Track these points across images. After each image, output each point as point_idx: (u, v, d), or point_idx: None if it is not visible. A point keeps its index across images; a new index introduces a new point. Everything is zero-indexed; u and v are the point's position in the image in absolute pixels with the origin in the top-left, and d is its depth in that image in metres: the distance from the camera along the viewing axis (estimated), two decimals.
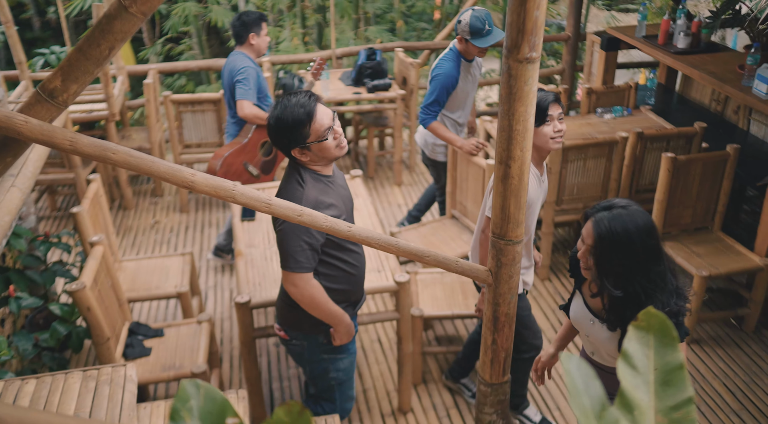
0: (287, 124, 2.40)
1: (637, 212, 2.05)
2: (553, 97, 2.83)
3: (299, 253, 2.42)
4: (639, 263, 2.04)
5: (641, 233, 2.02)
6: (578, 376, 1.22)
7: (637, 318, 1.45)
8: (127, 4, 1.73)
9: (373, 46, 5.84)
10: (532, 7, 1.91)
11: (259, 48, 4.29)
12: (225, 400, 1.13)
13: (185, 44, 8.56)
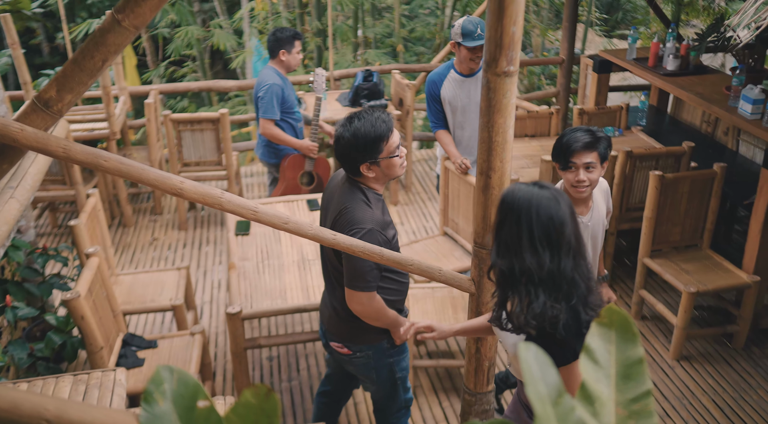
0: (368, 138, 2.40)
1: (553, 198, 1.87)
2: (582, 144, 2.66)
3: (368, 273, 2.46)
4: (526, 240, 1.86)
5: (540, 214, 1.85)
6: (535, 364, 1.28)
7: (600, 315, 1.52)
8: (119, 18, 1.83)
9: (370, 68, 5.96)
10: (509, 23, 2.00)
11: (288, 64, 4.43)
12: (197, 384, 1.19)
13: (188, 67, 8.72)
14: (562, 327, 1.84)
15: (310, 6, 7.29)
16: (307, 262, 3.54)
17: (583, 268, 1.90)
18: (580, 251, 1.91)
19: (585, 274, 1.91)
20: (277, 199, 4.19)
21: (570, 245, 1.86)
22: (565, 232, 1.85)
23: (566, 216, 1.87)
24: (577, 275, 1.88)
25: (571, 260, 1.87)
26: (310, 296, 3.25)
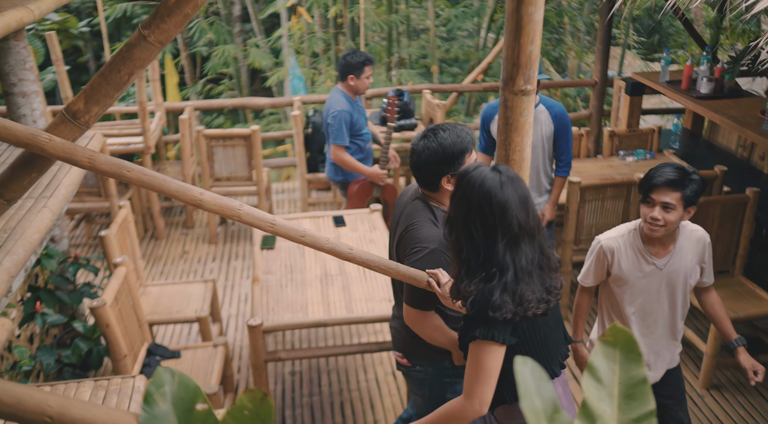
0: (454, 149, 2.39)
1: (499, 181, 1.87)
2: (664, 181, 2.51)
3: (424, 293, 2.40)
4: (463, 217, 1.89)
5: (481, 195, 1.85)
6: (531, 378, 1.28)
7: (605, 334, 1.51)
8: (146, 33, 1.89)
9: (401, 88, 6.01)
10: (526, 43, 2.02)
11: (356, 89, 4.46)
12: (197, 388, 1.21)
13: (224, 85, 8.90)
14: (470, 304, 1.87)
15: (344, 26, 7.40)
16: (329, 277, 3.57)
17: (524, 256, 1.87)
18: (527, 238, 1.88)
19: (525, 263, 1.87)
20: (303, 214, 4.24)
21: (510, 229, 1.84)
22: (507, 215, 1.84)
23: (509, 201, 1.85)
24: (511, 260, 1.86)
25: (507, 244, 1.85)
26: (331, 310, 3.27)
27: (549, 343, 2.06)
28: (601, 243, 2.72)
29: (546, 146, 3.82)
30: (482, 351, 1.89)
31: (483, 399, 1.91)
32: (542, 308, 1.90)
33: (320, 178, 5.82)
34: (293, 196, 6.62)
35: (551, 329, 2.07)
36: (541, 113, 3.74)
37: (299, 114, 5.54)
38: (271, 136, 6.63)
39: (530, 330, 1.98)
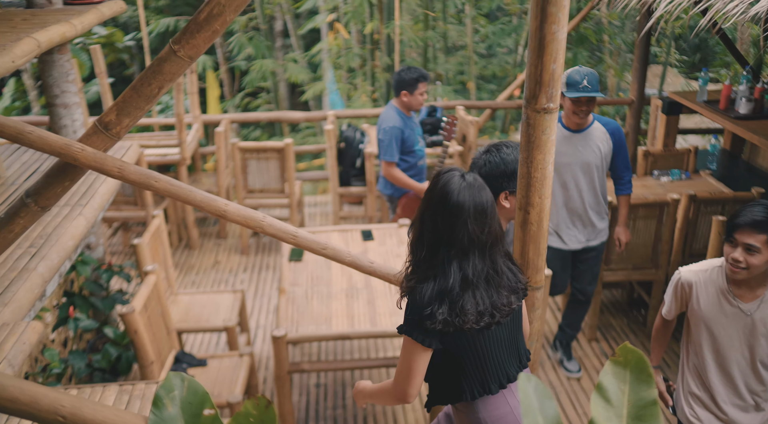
0: (516, 168, 2.41)
1: (464, 188, 1.87)
2: (749, 221, 2.35)
3: None
4: (420, 218, 1.90)
5: (439, 198, 1.86)
6: (534, 396, 1.27)
7: (615, 353, 1.49)
8: (176, 48, 1.96)
9: (435, 104, 6.03)
10: (549, 61, 2.02)
11: (409, 105, 4.44)
12: (206, 393, 1.24)
13: (262, 99, 9.05)
14: (407, 303, 1.88)
15: (380, 42, 7.47)
16: (355, 290, 3.59)
17: (471, 267, 1.84)
18: (477, 250, 1.85)
19: (471, 275, 1.84)
20: (332, 227, 4.28)
21: (457, 237, 1.83)
22: (457, 222, 1.83)
23: (463, 207, 1.84)
24: (457, 269, 1.83)
25: (454, 251, 1.84)
26: (355, 323, 3.29)
27: (489, 359, 1.97)
28: (680, 275, 2.59)
29: (604, 165, 3.67)
30: (407, 348, 1.88)
31: (404, 391, 1.90)
32: (484, 322, 1.85)
33: (352, 192, 5.87)
34: (325, 209, 6.68)
35: (495, 346, 1.97)
36: (596, 131, 3.60)
37: (332, 128, 5.60)
38: (305, 150, 6.71)
39: (461, 342, 1.90)
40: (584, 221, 3.77)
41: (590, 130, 3.59)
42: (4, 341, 2.24)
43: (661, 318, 2.77)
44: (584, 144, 3.59)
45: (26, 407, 1.11)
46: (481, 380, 1.97)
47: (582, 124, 3.56)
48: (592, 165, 3.61)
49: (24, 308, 2.46)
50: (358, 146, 6.00)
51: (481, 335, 1.92)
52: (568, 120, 3.58)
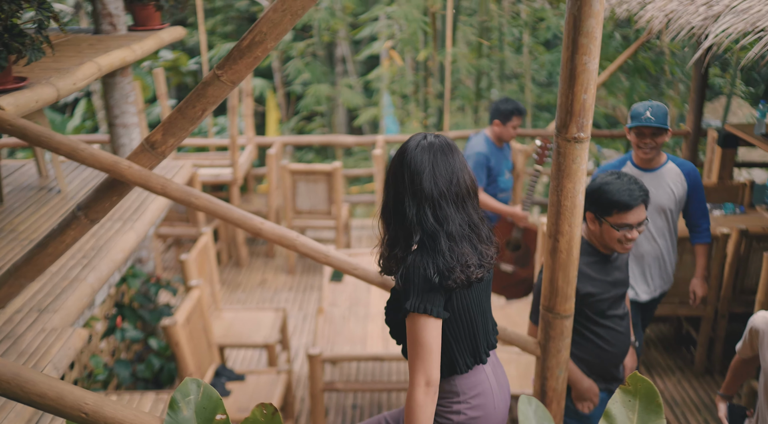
0: (604, 194, 2.50)
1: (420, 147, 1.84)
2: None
3: None
4: (391, 184, 1.86)
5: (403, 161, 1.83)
6: (534, 418, 1.29)
7: (626, 382, 1.50)
8: (219, 73, 2.07)
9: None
10: (580, 91, 2.05)
11: (500, 135, 4.43)
12: (219, 400, 1.31)
13: (317, 123, 9.25)
14: (399, 276, 1.81)
15: (433, 69, 7.57)
16: None
17: (451, 221, 1.82)
18: (452, 203, 1.84)
19: (455, 227, 1.83)
20: (368, 249, 4.33)
21: (432, 195, 1.80)
22: (424, 179, 1.80)
23: (425, 164, 1.81)
24: (439, 225, 1.81)
25: (431, 208, 1.81)
26: (389, 346, 3.32)
27: (478, 325, 1.98)
28: (753, 320, 2.47)
29: (677, 209, 3.39)
30: (417, 326, 1.80)
31: (429, 376, 1.81)
32: (481, 273, 1.86)
33: None
34: (372, 232, 6.76)
35: (481, 312, 1.99)
36: (670, 172, 3.32)
37: (381, 153, 5.70)
38: (354, 174, 6.82)
39: (460, 306, 1.90)
40: (655, 270, 3.45)
41: (663, 170, 3.31)
42: (51, 346, 2.37)
43: (737, 355, 2.66)
44: (656, 185, 3.30)
45: (53, 402, 1.19)
46: (473, 348, 1.97)
47: (651, 161, 3.30)
48: (665, 208, 3.32)
49: (72, 315, 2.59)
50: None
51: (474, 297, 1.93)
52: (635, 156, 3.34)
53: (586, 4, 1.94)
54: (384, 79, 8.94)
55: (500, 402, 2.06)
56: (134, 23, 3.76)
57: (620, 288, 2.68)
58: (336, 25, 8.57)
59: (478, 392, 1.99)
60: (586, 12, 1.95)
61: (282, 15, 1.99)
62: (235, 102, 5.51)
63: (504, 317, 4.12)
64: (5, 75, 2.26)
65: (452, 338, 1.92)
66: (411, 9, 7.23)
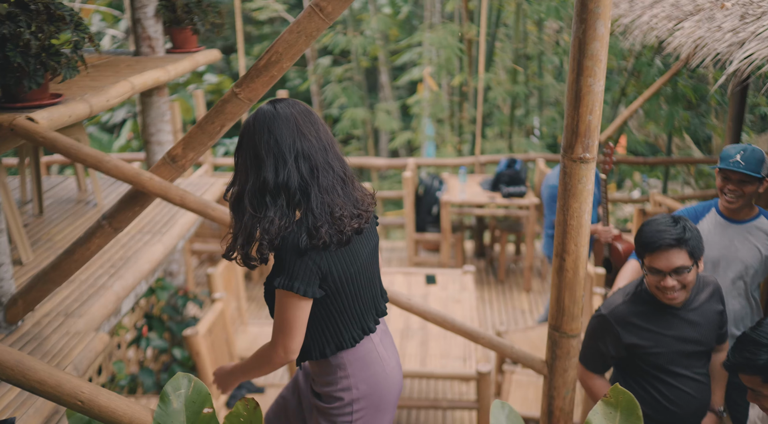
0: (639, 238, 2.42)
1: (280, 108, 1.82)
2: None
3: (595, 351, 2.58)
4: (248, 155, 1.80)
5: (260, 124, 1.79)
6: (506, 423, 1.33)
7: (607, 393, 1.53)
8: (237, 91, 2.18)
9: (514, 156, 6.09)
10: (585, 112, 2.09)
11: None
12: (208, 394, 1.38)
13: (353, 146, 9.39)
14: (269, 243, 1.73)
15: (468, 94, 7.64)
16: (410, 331, 3.66)
17: (321, 175, 1.79)
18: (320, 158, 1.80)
19: (326, 181, 1.79)
20: (397, 269, 4.39)
21: (295, 149, 1.77)
22: (285, 138, 1.77)
23: (285, 121, 1.78)
24: (310, 180, 1.77)
25: (301, 171, 1.77)
26: (405, 363, 3.35)
27: (365, 294, 1.92)
28: None
29: (762, 271, 2.94)
30: (283, 303, 1.77)
31: (287, 348, 1.80)
32: (356, 222, 1.81)
33: (427, 239, 5.97)
34: (402, 254, 6.81)
35: (367, 279, 1.93)
36: (761, 227, 2.87)
37: (411, 176, 5.77)
38: (384, 196, 6.90)
39: (343, 278, 1.83)
40: (738, 333, 2.96)
41: (754, 225, 2.87)
42: (73, 348, 2.48)
43: None
44: (742, 239, 2.88)
45: (51, 389, 1.28)
46: (360, 319, 1.91)
47: (738, 212, 2.86)
48: (747, 267, 2.88)
49: (96, 320, 2.71)
50: (435, 194, 6.13)
51: (353, 267, 1.85)
52: (720, 203, 2.94)
53: (591, 27, 1.99)
54: (422, 105, 9.05)
55: (391, 369, 2.00)
56: (172, 46, 3.94)
57: (688, 345, 2.42)
58: (374, 51, 8.74)
59: (366, 362, 1.92)
60: (590, 35, 2.00)
61: (297, 36, 2.09)
62: None
63: (525, 341, 4.12)
64: (42, 91, 2.41)
65: (337, 313, 1.86)
66: (446, 35, 7.33)
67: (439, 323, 2.39)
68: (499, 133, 8.15)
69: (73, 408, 1.28)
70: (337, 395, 1.91)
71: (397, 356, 2.08)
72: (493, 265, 6.40)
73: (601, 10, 1.97)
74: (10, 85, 2.33)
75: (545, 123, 8.77)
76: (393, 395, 2.01)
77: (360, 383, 1.91)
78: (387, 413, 2.01)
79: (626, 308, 2.49)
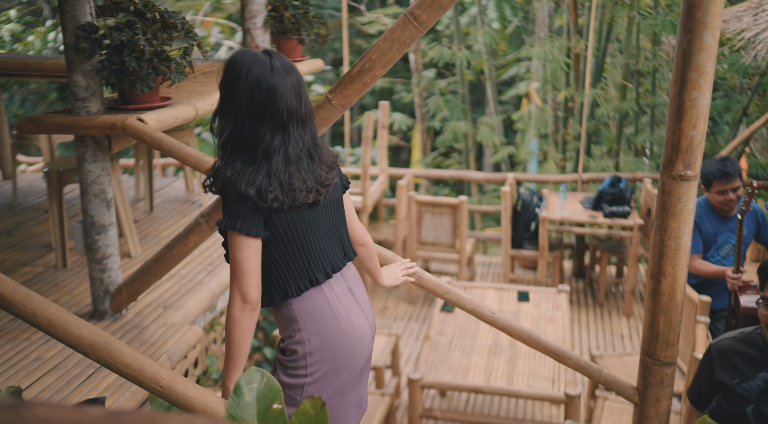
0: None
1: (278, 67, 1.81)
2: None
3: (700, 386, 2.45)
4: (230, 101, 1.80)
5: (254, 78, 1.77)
6: None
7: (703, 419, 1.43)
8: (330, 97, 2.23)
9: (619, 174, 5.86)
10: (688, 127, 1.99)
11: (712, 200, 3.70)
12: (279, 390, 1.41)
13: (454, 159, 9.36)
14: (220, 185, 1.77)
15: (574, 110, 7.45)
16: (498, 347, 3.59)
17: (293, 143, 1.80)
18: (297, 125, 1.82)
19: (294, 151, 1.80)
20: (489, 285, 4.32)
21: (278, 115, 1.78)
22: (275, 100, 1.77)
23: (279, 85, 1.78)
24: (280, 146, 1.78)
25: (275, 130, 1.78)
26: (491, 379, 3.29)
27: (314, 246, 1.88)
28: None
29: None
30: (232, 244, 1.76)
31: (243, 293, 1.75)
32: (312, 197, 1.81)
33: (524, 255, 5.84)
34: (497, 270, 6.70)
35: (318, 232, 1.89)
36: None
37: (509, 190, 5.68)
38: (481, 210, 6.83)
39: (286, 226, 1.82)
40: None
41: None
42: (169, 339, 2.61)
43: None
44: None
45: (135, 373, 1.35)
46: (307, 270, 1.88)
47: None
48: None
49: (192, 314, 2.84)
50: (534, 210, 5.99)
51: (303, 219, 1.85)
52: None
53: (697, 37, 1.89)
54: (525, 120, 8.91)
55: (349, 326, 1.92)
56: None
57: None
58: (480, 65, 8.69)
59: (316, 315, 1.88)
60: (696, 46, 1.90)
61: (391, 44, 2.11)
62: (369, 133, 5.75)
63: (621, 367, 3.93)
64: (153, 94, 2.56)
65: (281, 259, 1.84)
66: (553, 49, 7.19)
67: (524, 339, 2.32)
68: (606, 151, 7.88)
69: (153, 392, 1.34)
70: (292, 347, 1.88)
71: (364, 316, 2.00)
72: (592, 286, 6.17)
73: (709, 20, 1.86)
74: (125, 87, 2.49)
75: (657, 142, 8.40)
76: (352, 354, 1.94)
77: (312, 335, 1.87)
78: (345, 372, 1.93)
79: (732, 344, 2.32)
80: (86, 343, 1.46)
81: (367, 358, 1.99)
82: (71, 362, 2.48)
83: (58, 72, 3.92)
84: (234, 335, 1.75)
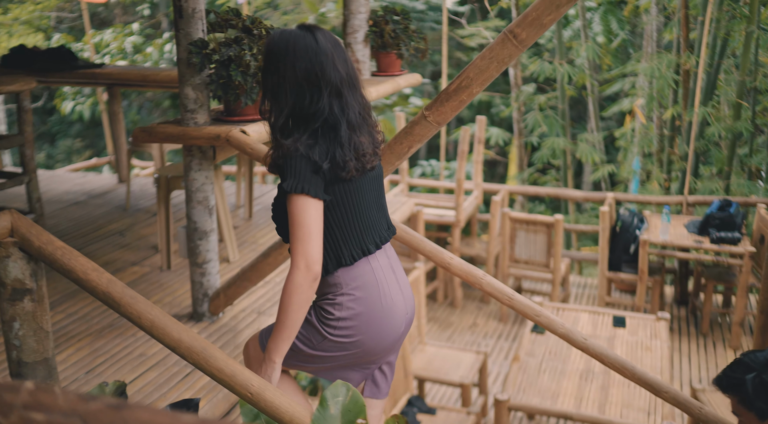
0: None
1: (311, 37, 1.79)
2: None
3: None
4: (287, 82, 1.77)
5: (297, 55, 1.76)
6: None
7: None
8: (426, 114, 2.24)
9: (730, 198, 5.55)
10: None
11: None
12: (363, 406, 1.42)
13: (551, 175, 9.15)
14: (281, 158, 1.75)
15: (681, 129, 7.12)
16: (590, 373, 3.47)
17: (351, 109, 1.79)
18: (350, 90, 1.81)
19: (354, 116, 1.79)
20: (583, 307, 4.19)
21: (332, 81, 1.77)
22: (326, 71, 1.77)
23: (328, 52, 1.78)
24: (340, 113, 1.77)
25: (332, 97, 1.77)
26: (582, 406, 3.18)
27: (363, 214, 1.86)
28: None
29: None
30: (296, 207, 1.72)
31: (308, 258, 1.70)
32: (375, 159, 1.86)
33: (621, 278, 5.63)
34: (593, 292, 6.48)
35: (365, 202, 1.87)
36: None
37: (608, 210, 5.49)
38: (577, 229, 6.63)
39: (343, 193, 1.80)
40: None
41: None
42: None
43: None
44: None
45: (227, 378, 1.39)
46: (359, 239, 1.85)
47: None
48: None
49: None
50: (634, 231, 5.76)
51: (357, 187, 1.84)
52: None
53: None
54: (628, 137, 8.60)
55: (390, 301, 1.86)
56: (377, 69, 4.14)
57: None
58: (581, 80, 8.48)
59: (360, 283, 1.83)
60: None
61: (489, 62, 2.10)
62: (465, 147, 5.72)
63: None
64: (255, 107, 2.66)
65: (336, 226, 1.83)
66: (661, 65, 6.91)
67: (617, 368, 2.23)
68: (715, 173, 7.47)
69: (243, 398, 1.38)
70: (328, 309, 1.84)
71: (402, 298, 1.93)
72: (696, 315, 5.85)
73: None
74: (230, 100, 2.60)
75: None
76: (383, 331, 1.87)
77: (351, 301, 1.83)
78: (366, 350, 1.86)
79: None
80: (184, 346, 1.53)
81: (393, 341, 1.92)
82: (171, 361, 2.60)
83: (172, 83, 4.15)
84: (291, 305, 1.72)
